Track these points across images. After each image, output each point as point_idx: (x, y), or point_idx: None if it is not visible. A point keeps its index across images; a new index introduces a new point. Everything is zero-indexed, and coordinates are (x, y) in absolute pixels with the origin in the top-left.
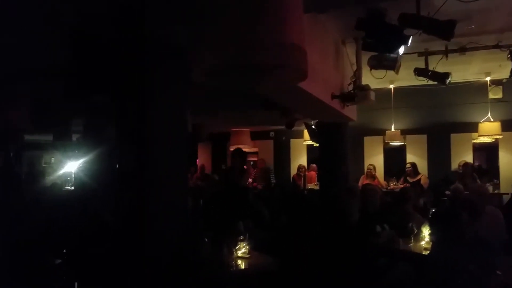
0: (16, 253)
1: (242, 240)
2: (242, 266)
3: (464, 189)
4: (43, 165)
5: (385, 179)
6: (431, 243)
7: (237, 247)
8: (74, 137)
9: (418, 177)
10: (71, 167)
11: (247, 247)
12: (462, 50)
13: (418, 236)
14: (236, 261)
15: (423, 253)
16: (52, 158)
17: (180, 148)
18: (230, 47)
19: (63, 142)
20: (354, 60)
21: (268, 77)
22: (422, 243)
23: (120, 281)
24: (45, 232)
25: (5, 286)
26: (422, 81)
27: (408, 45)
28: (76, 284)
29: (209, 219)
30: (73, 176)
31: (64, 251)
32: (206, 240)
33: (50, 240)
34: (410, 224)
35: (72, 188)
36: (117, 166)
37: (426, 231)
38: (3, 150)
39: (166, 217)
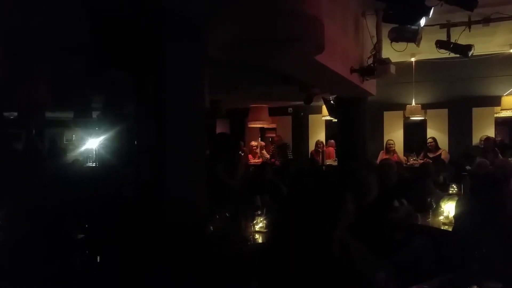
0: (40, 228)
1: (260, 215)
2: (260, 241)
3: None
4: (65, 142)
5: (404, 155)
6: (459, 214)
7: (254, 222)
8: (94, 115)
9: (439, 152)
10: (92, 143)
11: (265, 221)
12: (486, 21)
13: (436, 211)
14: (254, 236)
15: (442, 228)
16: (74, 135)
17: (198, 123)
18: (247, 19)
19: (84, 119)
20: (374, 32)
21: (285, 50)
22: (441, 218)
23: (140, 255)
24: (68, 208)
25: (28, 261)
26: (444, 53)
27: (430, 16)
28: (98, 258)
29: (227, 194)
30: (94, 152)
31: (86, 226)
32: (228, 214)
33: (73, 215)
34: (429, 199)
35: (94, 164)
36: (134, 142)
37: (445, 206)
38: (25, 128)
39: (185, 192)
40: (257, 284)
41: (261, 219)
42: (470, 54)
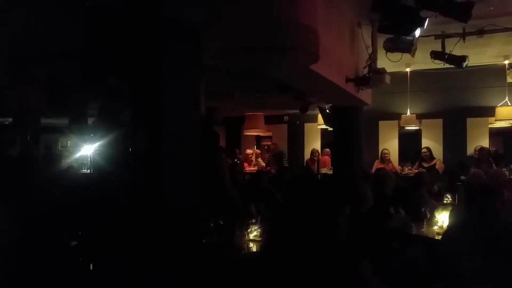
0: (33, 235)
1: (254, 223)
2: (254, 249)
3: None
4: (60, 149)
5: (399, 164)
6: (453, 223)
7: (248, 230)
8: (90, 121)
9: (433, 162)
10: (87, 150)
11: (259, 230)
12: (480, 32)
13: (431, 221)
14: (248, 244)
15: (436, 238)
16: (69, 142)
17: (194, 129)
18: (243, 27)
19: (79, 125)
20: (369, 43)
21: (280, 58)
22: (435, 227)
23: (134, 263)
24: (61, 214)
25: (20, 267)
26: (439, 64)
27: (425, 27)
28: (91, 265)
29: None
30: (89, 159)
31: (80, 233)
32: (222, 223)
33: (66, 222)
34: (423, 209)
35: (89, 171)
36: (129, 148)
37: (439, 216)
38: (20, 133)
39: (180, 199)
40: None
41: (256, 227)
42: (464, 65)
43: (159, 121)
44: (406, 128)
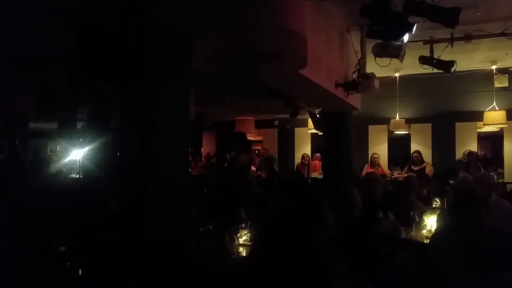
0: (21, 241)
1: (244, 228)
2: (244, 254)
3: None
4: (49, 153)
5: (389, 168)
6: (439, 228)
7: (238, 235)
8: (79, 125)
9: (423, 166)
10: (76, 155)
11: (249, 234)
12: (468, 38)
13: (419, 225)
14: (238, 249)
15: (425, 242)
16: (58, 146)
17: (183, 135)
18: (231, 33)
19: (69, 130)
20: (358, 48)
21: (267, 64)
22: (424, 231)
23: (123, 268)
24: (50, 220)
25: (10, 274)
26: (427, 69)
27: (413, 32)
28: (80, 271)
29: (213, 207)
30: (78, 164)
31: (69, 238)
32: (212, 227)
33: (55, 227)
34: (412, 213)
35: (78, 176)
36: (118, 154)
37: (427, 220)
38: (8, 138)
39: (169, 204)
40: None
41: (245, 232)
42: (452, 70)
43: (149, 127)
44: (396, 132)
